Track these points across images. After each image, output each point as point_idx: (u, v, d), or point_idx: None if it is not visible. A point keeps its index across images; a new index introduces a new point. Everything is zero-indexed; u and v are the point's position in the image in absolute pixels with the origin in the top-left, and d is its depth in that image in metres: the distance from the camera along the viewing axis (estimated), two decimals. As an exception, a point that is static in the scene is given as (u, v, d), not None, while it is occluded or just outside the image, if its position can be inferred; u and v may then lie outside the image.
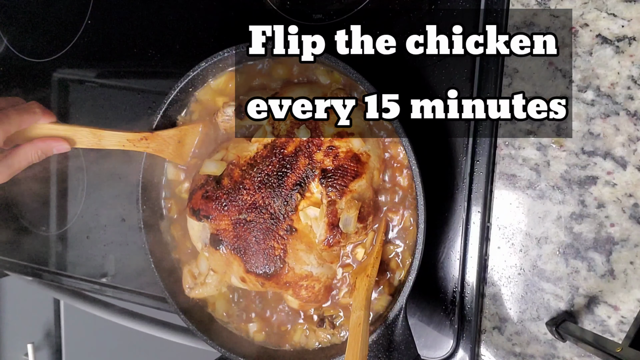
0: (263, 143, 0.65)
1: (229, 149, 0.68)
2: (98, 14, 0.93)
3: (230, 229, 0.65)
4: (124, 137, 0.69)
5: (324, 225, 0.62)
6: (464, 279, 0.68)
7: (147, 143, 0.70)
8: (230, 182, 0.65)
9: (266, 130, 0.65)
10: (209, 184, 0.67)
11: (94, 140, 0.68)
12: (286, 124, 0.64)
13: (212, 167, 0.68)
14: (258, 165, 0.65)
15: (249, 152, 0.66)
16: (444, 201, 0.68)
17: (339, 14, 0.73)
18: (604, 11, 0.61)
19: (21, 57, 1.02)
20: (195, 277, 0.71)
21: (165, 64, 0.87)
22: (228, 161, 0.67)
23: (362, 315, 0.57)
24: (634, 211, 0.61)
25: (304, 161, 0.63)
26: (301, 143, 0.63)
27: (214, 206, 0.66)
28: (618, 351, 0.50)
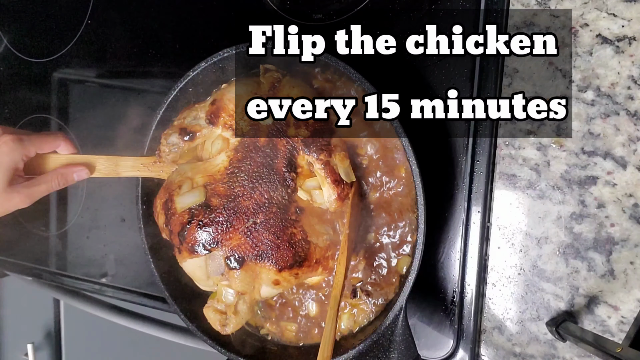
0: (231, 148, 0.65)
1: (191, 176, 0.66)
2: (98, 14, 0.93)
3: (245, 240, 0.63)
4: (139, 162, 0.70)
5: (329, 185, 0.62)
6: (464, 279, 0.68)
7: (160, 167, 0.70)
8: (221, 199, 0.63)
9: (224, 136, 0.65)
10: (198, 214, 0.63)
11: (111, 167, 0.69)
12: (245, 120, 0.64)
13: (192, 198, 0.64)
14: (240, 169, 0.63)
15: (220, 164, 0.65)
16: (444, 201, 0.68)
17: (339, 14, 0.73)
18: (604, 11, 0.61)
19: (21, 57, 1.02)
20: (224, 313, 0.65)
21: (165, 64, 0.87)
22: (202, 185, 0.64)
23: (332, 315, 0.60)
24: (634, 211, 0.61)
25: (281, 142, 0.63)
26: (269, 128, 0.63)
27: (217, 229, 0.63)
28: (618, 351, 0.50)
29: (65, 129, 0.98)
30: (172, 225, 0.65)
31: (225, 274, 0.64)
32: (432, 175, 0.64)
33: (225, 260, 0.63)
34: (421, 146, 0.61)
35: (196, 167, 0.67)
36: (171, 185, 0.66)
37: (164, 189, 0.68)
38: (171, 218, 0.65)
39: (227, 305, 0.65)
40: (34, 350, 1.13)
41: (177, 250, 0.66)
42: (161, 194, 0.68)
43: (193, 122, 0.67)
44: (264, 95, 0.64)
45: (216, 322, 0.65)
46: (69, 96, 0.98)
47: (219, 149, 0.65)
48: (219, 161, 0.65)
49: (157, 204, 0.68)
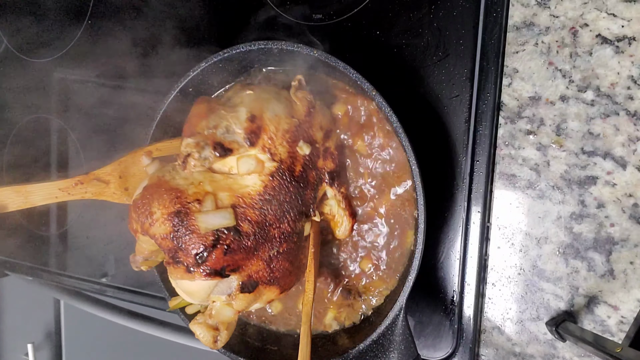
0: (266, 173, 0.61)
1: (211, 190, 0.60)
2: (98, 14, 0.93)
3: (264, 267, 0.62)
4: (55, 188, 0.62)
5: (347, 216, 0.65)
6: (464, 279, 0.68)
7: (84, 188, 0.63)
8: (252, 226, 0.60)
9: (261, 158, 0.61)
10: (226, 238, 0.59)
11: (19, 200, 0.61)
12: (284, 146, 0.61)
13: (220, 219, 0.59)
14: (275, 197, 0.61)
15: (251, 188, 0.61)
16: (444, 201, 0.68)
17: (339, 14, 0.73)
18: (604, 11, 0.61)
19: (21, 57, 1.02)
20: (216, 329, 0.64)
21: (165, 64, 0.87)
22: (229, 206, 0.60)
23: (306, 329, 0.62)
24: (634, 211, 0.61)
25: (312, 173, 0.63)
26: (304, 158, 0.63)
27: (243, 257, 0.60)
28: (618, 351, 0.50)
29: (65, 129, 0.98)
30: (185, 242, 0.59)
31: (233, 295, 0.62)
32: (432, 175, 0.64)
33: (240, 284, 0.61)
34: (421, 146, 0.61)
35: (215, 180, 0.61)
36: (181, 193, 0.59)
37: (165, 192, 0.60)
38: (185, 234, 0.59)
39: (222, 322, 0.64)
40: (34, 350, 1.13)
41: (181, 267, 0.60)
42: (160, 199, 0.59)
43: (228, 137, 0.60)
44: (299, 117, 0.63)
45: (209, 338, 0.63)
46: (69, 96, 0.98)
47: (250, 170, 0.60)
48: (250, 183, 0.61)
49: (154, 209, 0.59)
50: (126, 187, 0.65)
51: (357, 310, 0.70)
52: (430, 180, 0.61)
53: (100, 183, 0.63)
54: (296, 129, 0.62)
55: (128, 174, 0.65)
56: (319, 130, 0.64)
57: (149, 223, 0.60)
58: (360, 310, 0.70)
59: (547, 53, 0.64)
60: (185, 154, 0.59)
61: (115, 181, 0.64)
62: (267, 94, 0.63)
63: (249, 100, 0.62)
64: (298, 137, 0.62)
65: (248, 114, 0.60)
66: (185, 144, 0.59)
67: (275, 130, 0.60)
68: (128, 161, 0.64)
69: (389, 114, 0.60)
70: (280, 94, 0.63)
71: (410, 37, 0.69)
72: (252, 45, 0.65)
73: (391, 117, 0.60)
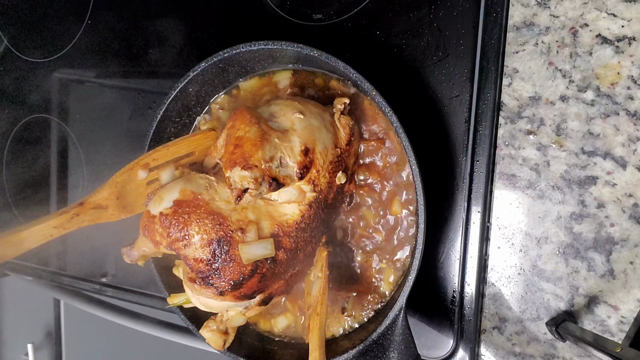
0: (305, 203, 0.61)
1: (255, 219, 0.59)
2: (98, 14, 0.93)
3: (284, 284, 0.64)
4: (50, 227, 0.58)
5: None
6: (464, 279, 0.68)
7: (80, 219, 0.59)
8: (286, 253, 0.60)
9: (303, 189, 0.60)
10: (263, 267, 0.59)
11: (12, 250, 0.56)
12: (325, 177, 0.61)
13: (262, 250, 0.58)
14: (309, 225, 0.62)
15: (289, 216, 0.60)
16: (444, 201, 0.68)
17: (339, 14, 0.73)
18: (604, 11, 0.61)
19: (21, 57, 1.02)
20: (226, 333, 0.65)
21: (165, 64, 0.87)
22: (269, 235, 0.59)
23: (317, 356, 0.56)
24: (634, 211, 0.61)
25: (339, 199, 0.66)
26: (337, 187, 0.64)
27: (272, 281, 0.61)
28: (618, 351, 0.50)
29: (65, 129, 0.98)
30: (223, 269, 0.58)
31: (250, 307, 0.63)
32: (432, 175, 0.64)
33: (261, 299, 0.62)
34: (421, 146, 0.61)
35: (257, 208, 0.60)
36: (223, 220, 0.58)
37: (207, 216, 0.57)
38: (225, 262, 0.58)
39: (232, 327, 0.65)
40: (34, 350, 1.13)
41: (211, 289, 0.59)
42: (200, 221, 0.57)
43: (282, 171, 0.58)
44: (341, 147, 0.63)
45: (219, 342, 0.64)
46: (69, 96, 0.98)
47: (291, 199, 0.60)
48: (289, 212, 0.60)
49: (192, 231, 0.57)
50: (124, 205, 0.62)
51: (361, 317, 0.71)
52: (430, 180, 0.61)
53: (98, 210, 0.60)
54: (338, 160, 0.62)
55: (125, 192, 0.61)
56: (353, 156, 0.66)
57: (184, 244, 0.58)
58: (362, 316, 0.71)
59: (547, 53, 0.64)
60: (242, 188, 0.56)
61: (113, 204, 0.61)
62: (316, 120, 0.61)
63: (300, 128, 0.59)
64: (339, 167, 0.63)
65: (302, 146, 0.59)
66: (241, 176, 0.55)
67: (323, 163, 0.60)
68: (124, 179, 0.61)
69: (389, 114, 0.60)
70: (326, 119, 0.62)
71: (410, 37, 0.69)
72: (252, 45, 0.65)
73: (391, 117, 0.60)
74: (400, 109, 0.60)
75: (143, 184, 0.62)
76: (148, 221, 0.59)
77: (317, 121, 0.61)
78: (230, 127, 0.58)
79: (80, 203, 0.59)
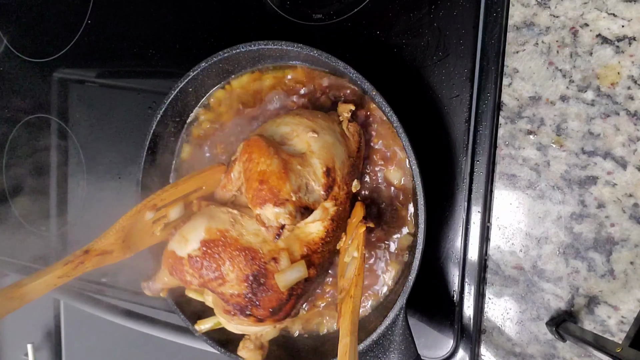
0: (328, 218, 0.60)
1: (285, 246, 0.58)
2: (98, 14, 0.93)
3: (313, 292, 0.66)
4: (55, 277, 0.56)
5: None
6: (464, 279, 0.68)
7: (84, 266, 0.58)
8: (316, 269, 0.61)
9: (326, 206, 0.60)
10: (298, 287, 0.59)
11: (14, 304, 0.55)
12: (344, 189, 0.61)
13: (296, 274, 0.59)
14: (333, 237, 0.62)
15: (315, 234, 0.60)
16: (444, 201, 0.68)
17: (339, 14, 0.73)
18: (604, 11, 0.61)
19: (21, 57, 1.02)
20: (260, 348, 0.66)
21: (165, 64, 0.87)
22: (300, 257, 0.59)
23: (349, 342, 0.52)
24: (634, 211, 0.61)
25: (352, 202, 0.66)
26: (353, 193, 0.64)
27: (307, 298, 0.64)
28: (618, 351, 0.50)
29: (65, 129, 0.98)
30: (261, 300, 0.58)
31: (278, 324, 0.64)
32: (432, 175, 0.64)
33: (295, 313, 0.63)
34: (421, 146, 0.61)
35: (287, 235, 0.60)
36: (255, 253, 0.58)
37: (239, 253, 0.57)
38: (263, 293, 0.58)
39: (263, 342, 0.66)
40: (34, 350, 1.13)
41: (250, 318, 0.59)
42: (233, 260, 0.57)
43: (311, 197, 0.58)
44: (353, 155, 0.63)
45: (258, 357, 0.65)
46: (69, 96, 0.98)
47: (316, 219, 0.60)
48: (314, 230, 0.60)
49: (226, 270, 0.57)
50: (129, 246, 0.61)
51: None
52: (430, 180, 0.61)
53: (103, 256, 0.59)
54: (353, 170, 0.62)
55: (130, 234, 0.61)
56: (362, 160, 0.66)
57: (219, 283, 0.58)
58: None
59: (547, 53, 0.64)
60: (279, 226, 0.56)
61: (118, 247, 0.60)
62: (329, 136, 0.60)
63: (317, 149, 0.59)
64: (354, 176, 0.63)
65: (323, 167, 0.58)
66: (275, 214, 0.55)
67: (342, 177, 0.60)
68: (131, 223, 0.60)
69: (389, 114, 0.60)
70: (336, 130, 0.62)
71: (410, 37, 0.69)
72: (252, 45, 0.65)
73: (391, 117, 0.60)
74: (400, 109, 0.60)
75: (149, 223, 0.61)
76: (175, 262, 0.58)
77: (330, 137, 0.60)
78: (247, 160, 0.57)
79: (85, 251, 0.58)
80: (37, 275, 0.55)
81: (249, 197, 0.55)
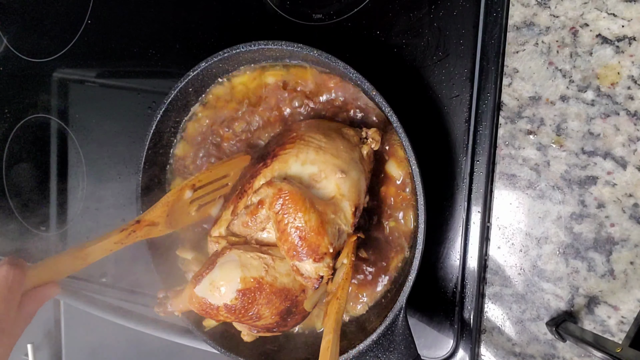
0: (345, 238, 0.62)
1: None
2: (98, 14, 0.93)
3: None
4: (111, 243, 0.63)
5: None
6: (464, 279, 0.68)
7: (136, 235, 0.65)
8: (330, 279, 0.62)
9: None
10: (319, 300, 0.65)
11: (79, 263, 0.62)
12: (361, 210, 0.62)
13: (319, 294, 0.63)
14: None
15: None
16: (444, 201, 0.68)
17: (339, 14, 0.73)
18: (604, 11, 0.61)
19: (21, 57, 1.02)
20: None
21: (165, 64, 0.87)
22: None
23: (331, 339, 0.55)
24: (634, 211, 0.61)
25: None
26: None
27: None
28: (618, 351, 0.50)
29: (65, 129, 0.98)
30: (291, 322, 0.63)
31: None
32: (432, 175, 0.64)
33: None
34: (421, 146, 0.61)
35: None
36: (288, 292, 0.61)
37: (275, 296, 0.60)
38: (292, 318, 0.62)
39: None
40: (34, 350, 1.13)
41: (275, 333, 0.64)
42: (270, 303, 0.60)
43: (341, 239, 0.60)
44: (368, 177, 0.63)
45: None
46: (69, 96, 0.98)
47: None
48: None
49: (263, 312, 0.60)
50: (171, 221, 0.68)
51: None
52: (430, 180, 0.61)
53: (150, 227, 0.66)
54: (368, 190, 0.64)
55: (173, 210, 0.67)
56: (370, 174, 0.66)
57: (254, 321, 0.61)
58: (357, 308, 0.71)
59: (547, 53, 0.64)
60: (318, 278, 0.58)
61: (163, 221, 0.67)
62: (354, 171, 0.60)
63: (347, 190, 0.59)
64: (368, 195, 0.64)
65: (352, 208, 0.60)
66: (315, 268, 0.57)
67: (362, 205, 0.62)
68: (174, 199, 0.67)
69: (389, 114, 0.60)
70: (356, 159, 0.62)
71: (410, 37, 0.69)
72: (252, 45, 0.65)
73: (391, 117, 0.60)
74: (400, 109, 0.60)
75: (187, 202, 0.68)
76: (208, 309, 0.60)
77: (355, 172, 0.60)
78: (283, 212, 0.57)
79: (137, 221, 0.65)
80: (97, 240, 0.63)
81: (286, 249, 0.57)
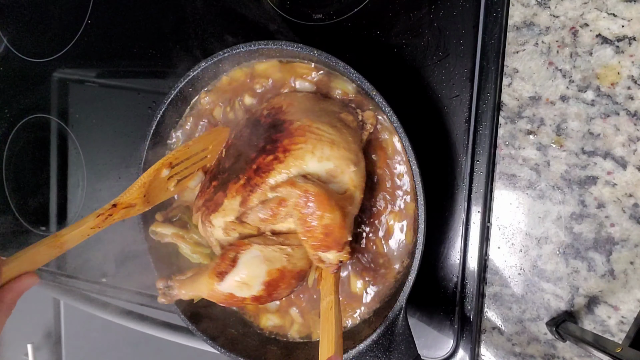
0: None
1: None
2: (98, 14, 0.93)
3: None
4: (88, 228, 0.63)
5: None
6: (464, 279, 0.68)
7: (112, 218, 0.65)
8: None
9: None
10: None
11: (55, 252, 0.61)
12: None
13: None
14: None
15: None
16: (444, 201, 0.68)
17: (339, 14, 0.73)
18: (604, 11, 0.61)
19: (21, 57, 1.02)
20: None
21: (165, 64, 0.87)
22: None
23: (333, 300, 0.58)
24: (634, 211, 0.61)
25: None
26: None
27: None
28: (618, 351, 0.49)
29: (65, 129, 0.98)
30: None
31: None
32: (432, 175, 0.64)
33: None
34: (421, 146, 0.61)
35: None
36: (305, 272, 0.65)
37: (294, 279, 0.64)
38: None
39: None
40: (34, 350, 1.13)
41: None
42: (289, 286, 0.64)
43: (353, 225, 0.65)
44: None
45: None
46: (69, 96, 0.98)
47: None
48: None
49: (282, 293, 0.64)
50: (148, 200, 0.68)
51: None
52: (430, 180, 0.61)
53: (128, 209, 0.66)
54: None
55: (150, 189, 0.68)
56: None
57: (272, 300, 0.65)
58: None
59: (547, 53, 0.64)
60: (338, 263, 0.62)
61: (140, 201, 0.67)
62: (362, 161, 0.63)
63: (358, 182, 0.62)
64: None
65: (361, 195, 0.63)
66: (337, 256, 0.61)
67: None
68: (151, 180, 0.67)
69: (389, 114, 0.60)
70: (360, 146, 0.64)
71: (410, 37, 0.69)
72: (252, 45, 0.65)
73: (391, 117, 0.60)
74: (400, 109, 0.60)
75: (165, 179, 0.69)
76: (233, 300, 0.63)
77: (362, 161, 0.63)
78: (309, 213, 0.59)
79: (113, 205, 0.65)
80: (73, 227, 0.62)
81: (310, 244, 0.60)
